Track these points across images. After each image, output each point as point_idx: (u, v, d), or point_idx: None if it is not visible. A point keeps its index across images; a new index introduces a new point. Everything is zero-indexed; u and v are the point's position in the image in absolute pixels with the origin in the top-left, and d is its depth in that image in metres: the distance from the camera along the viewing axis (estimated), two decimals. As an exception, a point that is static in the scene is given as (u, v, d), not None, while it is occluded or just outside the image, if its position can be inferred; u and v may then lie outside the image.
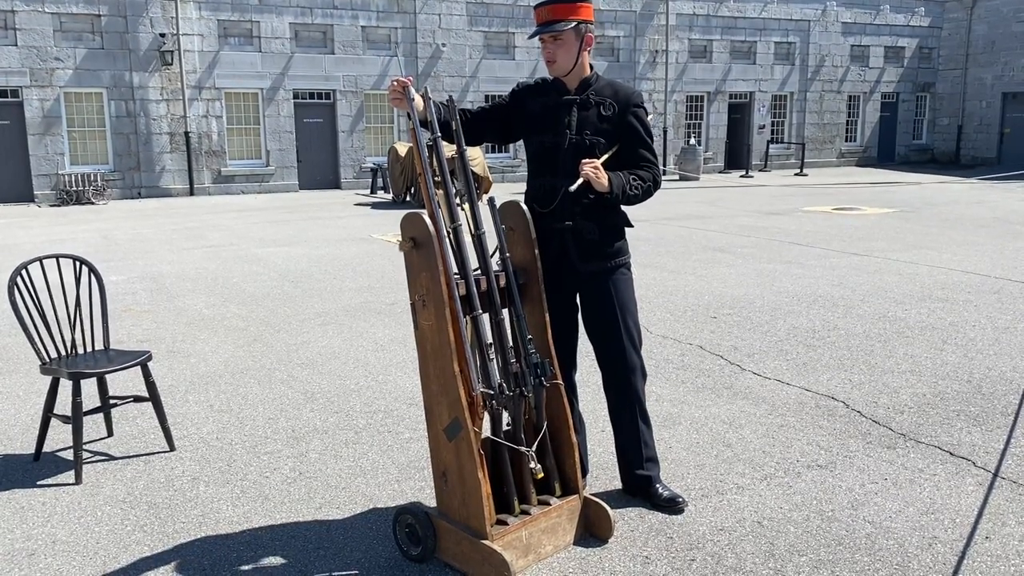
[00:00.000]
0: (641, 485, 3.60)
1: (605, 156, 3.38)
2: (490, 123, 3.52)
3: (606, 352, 3.55)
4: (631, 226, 3.55)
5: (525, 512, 3.14)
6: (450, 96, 3.29)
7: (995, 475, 3.88)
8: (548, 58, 3.39)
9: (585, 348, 3.66)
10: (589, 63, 3.48)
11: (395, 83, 3.17)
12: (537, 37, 3.37)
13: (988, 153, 29.18)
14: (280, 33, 20.62)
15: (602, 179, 3.26)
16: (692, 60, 26.14)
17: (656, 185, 3.47)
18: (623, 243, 3.54)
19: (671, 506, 3.52)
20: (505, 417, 3.20)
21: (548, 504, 3.21)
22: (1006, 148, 28.77)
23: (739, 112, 27.48)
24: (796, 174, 25.69)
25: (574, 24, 3.31)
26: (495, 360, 3.14)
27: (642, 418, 3.58)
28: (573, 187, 3.27)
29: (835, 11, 28.06)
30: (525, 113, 3.49)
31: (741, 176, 25.12)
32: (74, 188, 18.66)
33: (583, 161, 3.28)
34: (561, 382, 3.29)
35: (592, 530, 3.30)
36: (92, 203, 18.59)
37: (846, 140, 29.61)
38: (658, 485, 3.58)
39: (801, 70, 28.00)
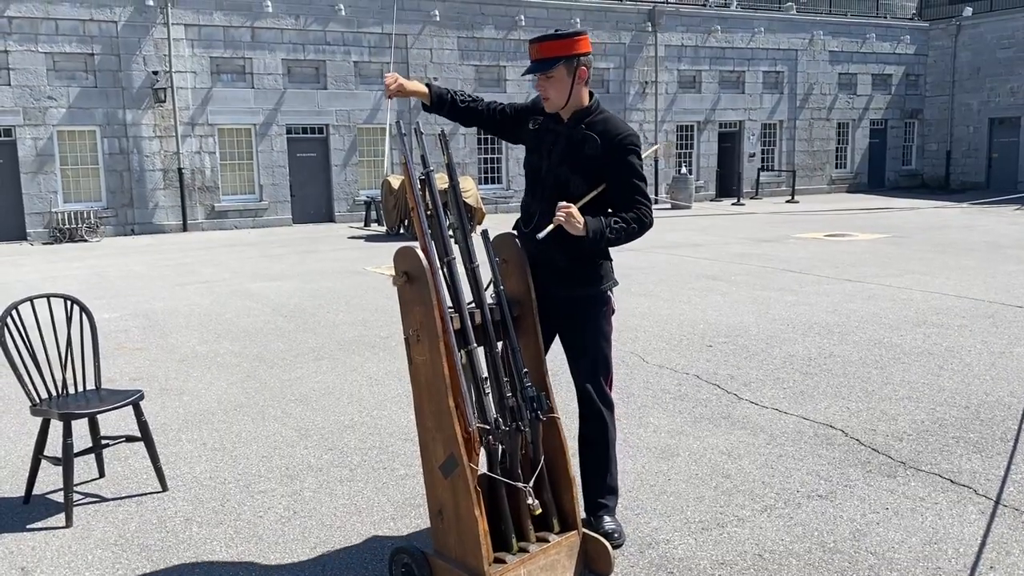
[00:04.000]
0: (596, 511, 3.57)
1: (585, 199, 3.30)
2: (502, 123, 3.62)
3: (575, 379, 3.56)
4: (609, 258, 3.47)
5: (523, 550, 3.09)
6: (442, 130, 3.31)
7: (997, 503, 3.85)
8: (542, 95, 3.39)
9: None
10: (589, 92, 3.41)
11: (388, 79, 3.35)
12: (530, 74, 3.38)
13: (977, 177, 29.40)
14: (273, 69, 20.75)
15: (577, 223, 3.17)
16: (682, 90, 26.37)
17: (643, 226, 3.33)
18: (599, 273, 3.44)
19: (608, 539, 3.40)
20: (501, 452, 3.16)
21: (547, 541, 3.16)
22: (994, 172, 28.99)
23: (729, 141, 27.67)
24: (787, 201, 25.81)
25: (563, 61, 3.28)
26: (491, 394, 3.11)
27: (608, 449, 3.56)
28: (542, 235, 3.19)
29: (822, 40, 28.39)
30: (524, 129, 3.58)
31: (732, 204, 25.22)
32: (67, 225, 18.63)
33: (560, 205, 3.19)
34: (558, 415, 3.26)
35: (592, 566, 3.25)
36: (85, 240, 18.56)
37: (836, 167, 29.80)
38: (607, 515, 3.55)
39: (790, 98, 28.25)
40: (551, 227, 3.18)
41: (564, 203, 3.21)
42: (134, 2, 19.14)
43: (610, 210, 3.36)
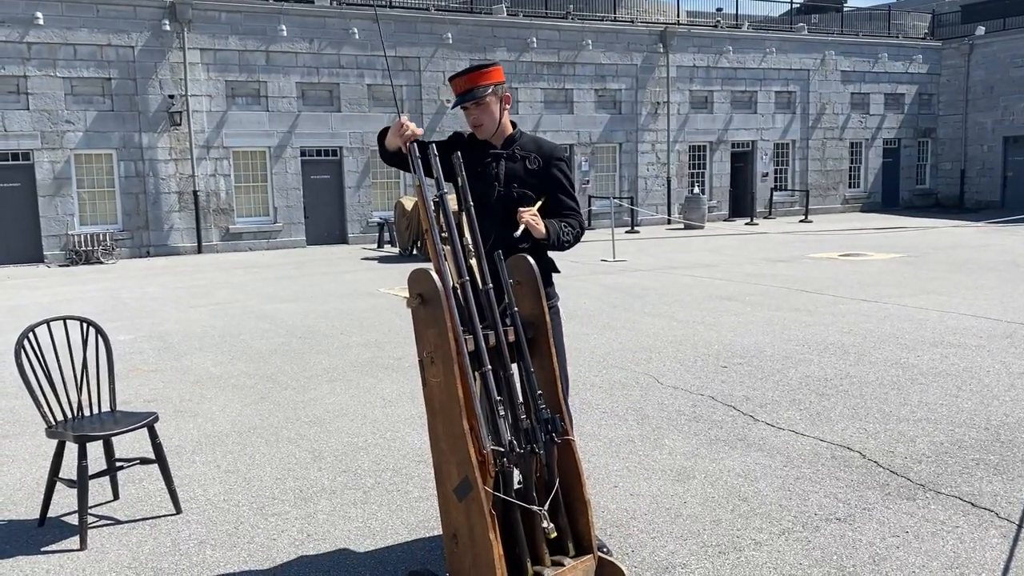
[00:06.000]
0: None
1: (538, 204, 3.52)
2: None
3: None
4: (557, 271, 3.71)
5: (538, 574, 3.06)
6: (457, 153, 3.33)
7: (1020, 526, 3.79)
8: (474, 123, 3.57)
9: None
10: (510, 121, 3.64)
11: (409, 124, 3.32)
12: (460, 106, 3.52)
13: (992, 196, 29.26)
14: (287, 92, 20.94)
15: (540, 226, 3.40)
16: (694, 110, 26.43)
17: (583, 231, 3.65)
18: (550, 288, 3.64)
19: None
20: (516, 475, 3.14)
21: (562, 565, 3.13)
22: (1010, 191, 28.86)
23: (742, 160, 27.67)
24: (801, 221, 25.76)
25: (492, 87, 3.49)
26: (505, 416, 3.09)
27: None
28: (517, 232, 3.38)
29: (834, 60, 28.43)
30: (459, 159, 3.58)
31: (746, 224, 25.17)
32: (83, 248, 18.78)
33: (521, 209, 3.40)
34: (573, 438, 3.24)
35: (607, 591, 3.21)
36: (101, 262, 18.70)
37: (850, 186, 29.74)
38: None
39: (802, 118, 28.26)
40: (522, 227, 3.38)
41: (525, 208, 3.42)
42: (151, 27, 19.40)
43: (553, 219, 3.55)
